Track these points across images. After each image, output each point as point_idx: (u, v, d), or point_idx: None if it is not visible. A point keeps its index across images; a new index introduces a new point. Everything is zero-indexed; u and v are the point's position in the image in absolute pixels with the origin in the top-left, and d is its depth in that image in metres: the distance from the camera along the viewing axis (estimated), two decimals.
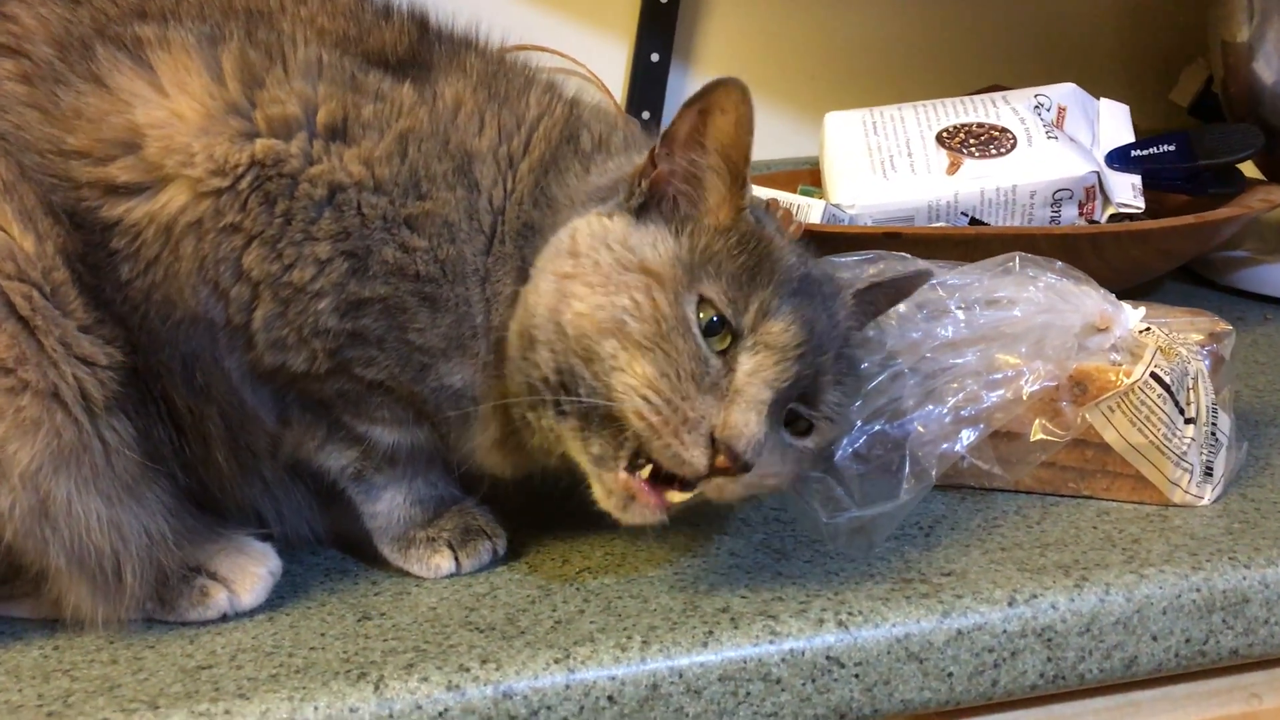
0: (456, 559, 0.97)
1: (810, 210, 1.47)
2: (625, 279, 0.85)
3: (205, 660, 0.86)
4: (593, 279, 0.86)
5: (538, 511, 1.08)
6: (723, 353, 0.85)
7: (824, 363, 0.88)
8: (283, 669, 0.84)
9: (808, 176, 1.68)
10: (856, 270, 1.08)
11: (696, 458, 0.83)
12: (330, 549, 1.02)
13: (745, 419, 0.83)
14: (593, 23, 1.81)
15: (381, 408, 0.92)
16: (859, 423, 0.99)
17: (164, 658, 0.87)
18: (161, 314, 0.86)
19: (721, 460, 0.83)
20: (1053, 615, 0.91)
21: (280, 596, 0.95)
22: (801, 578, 0.94)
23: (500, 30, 1.77)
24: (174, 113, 0.86)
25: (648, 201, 0.89)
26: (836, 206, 1.49)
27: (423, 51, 0.95)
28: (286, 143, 0.86)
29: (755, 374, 0.84)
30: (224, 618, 0.92)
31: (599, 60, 1.80)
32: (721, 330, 0.85)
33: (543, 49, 1.74)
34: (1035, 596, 0.91)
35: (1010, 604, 0.90)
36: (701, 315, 0.85)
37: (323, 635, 0.89)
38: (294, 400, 0.92)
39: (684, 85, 1.85)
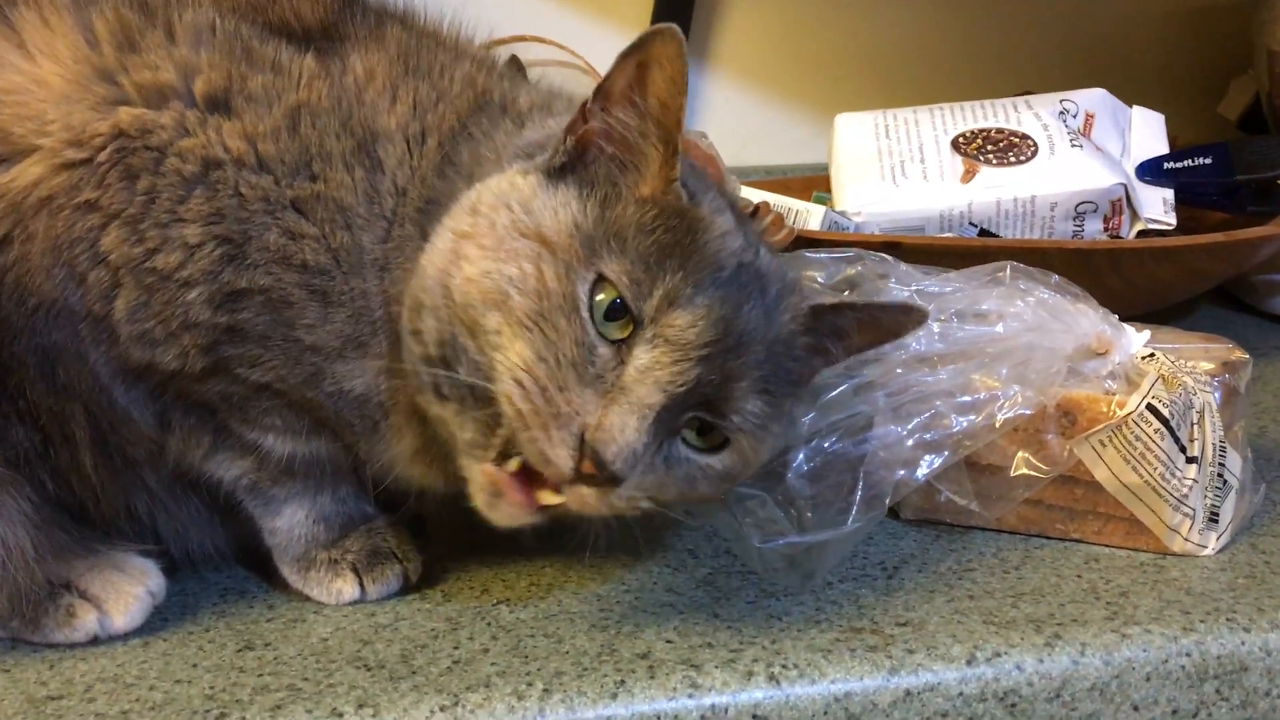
0: (362, 584, 0.88)
1: (809, 216, 1.37)
2: (517, 245, 0.76)
3: (59, 689, 0.78)
4: (486, 241, 0.76)
5: (468, 531, 0.98)
6: (620, 342, 0.75)
7: (739, 367, 0.76)
8: (137, 705, 0.76)
9: (823, 183, 1.58)
10: (831, 269, 0.98)
11: (561, 458, 0.73)
12: (235, 566, 0.93)
13: (623, 423, 0.72)
14: (604, 18, 1.73)
15: (271, 414, 0.83)
16: (814, 439, 0.88)
17: (15, 684, 0.79)
18: (15, 299, 0.78)
19: (587, 466, 0.73)
20: (1018, 677, 0.79)
21: (163, 619, 0.86)
22: (738, 622, 0.84)
23: (508, 24, 1.70)
24: (35, 78, 0.77)
25: (571, 162, 0.79)
26: (841, 213, 1.39)
27: (340, 23, 0.86)
28: (157, 112, 0.77)
29: (647, 371, 0.74)
30: (95, 641, 0.83)
31: (610, 58, 1.71)
32: (623, 316, 0.75)
33: (543, 40, 1.68)
34: (999, 655, 0.80)
35: (969, 662, 0.79)
36: (600, 297, 0.75)
37: (194, 666, 0.80)
38: (173, 402, 0.83)
39: (699, 86, 1.76)
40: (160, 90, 0.78)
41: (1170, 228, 1.35)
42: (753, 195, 1.39)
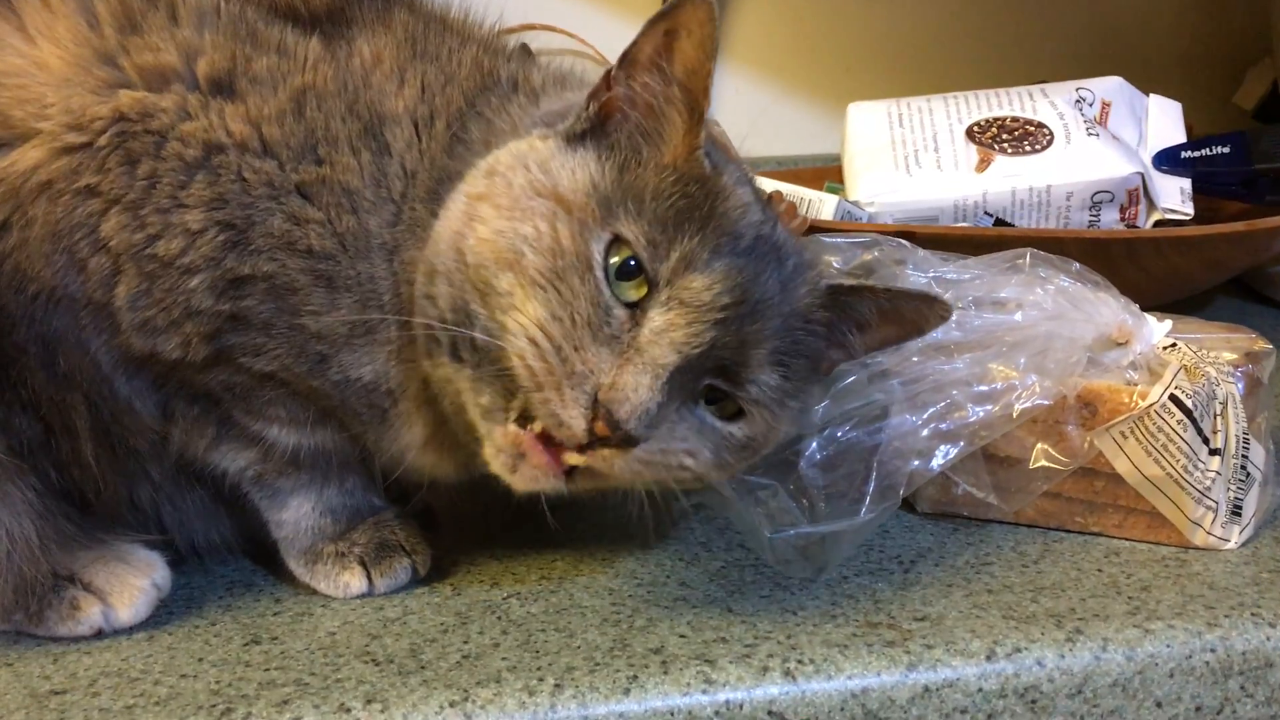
0: (369, 577, 0.86)
1: (822, 206, 1.35)
2: (533, 204, 0.74)
3: (62, 684, 0.76)
4: (501, 201, 0.75)
5: (478, 523, 0.97)
6: (635, 305, 0.74)
7: (755, 333, 0.75)
8: (142, 699, 0.74)
9: (836, 174, 1.57)
10: (848, 254, 0.96)
11: (574, 418, 0.71)
12: (243, 558, 0.92)
13: (636, 382, 0.71)
14: (614, 6, 1.71)
15: (276, 404, 0.82)
16: (827, 428, 0.87)
17: (19, 678, 0.77)
18: (14, 287, 0.76)
19: (601, 427, 0.71)
20: (1038, 673, 0.78)
21: (169, 612, 0.85)
22: (753, 616, 0.82)
23: (517, 11, 1.69)
24: (36, 61, 0.76)
25: (593, 128, 0.77)
26: (854, 203, 1.37)
27: (347, 6, 0.84)
28: (158, 95, 0.76)
29: (663, 333, 0.72)
30: (100, 634, 0.82)
31: (621, 47, 1.70)
32: (638, 276, 0.74)
33: (552, 28, 1.66)
34: (1019, 650, 0.78)
35: (989, 657, 0.78)
36: (614, 258, 0.74)
37: (200, 661, 0.79)
38: (176, 392, 0.81)
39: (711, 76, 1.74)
40: (162, 72, 0.76)
41: (1188, 217, 1.34)
42: (765, 185, 1.37)
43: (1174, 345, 0.92)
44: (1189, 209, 1.34)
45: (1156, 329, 0.93)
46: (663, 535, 0.93)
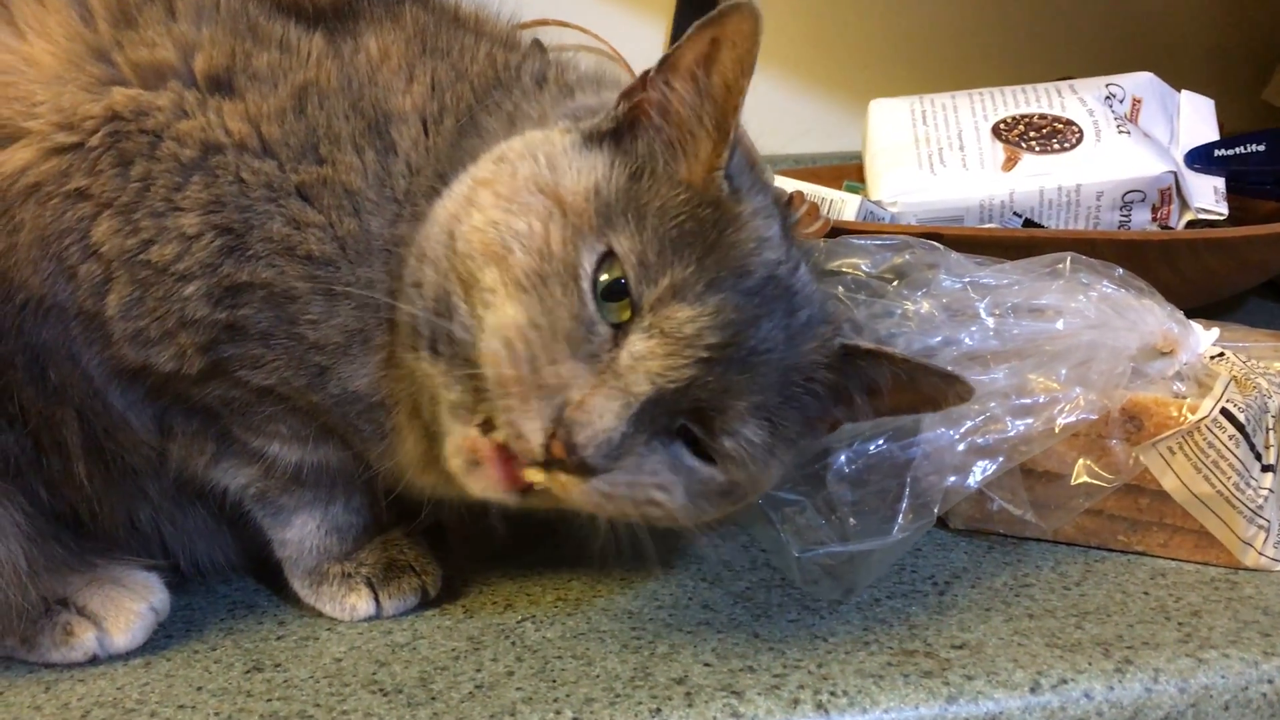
0: (377, 599, 0.83)
1: (844, 206, 1.31)
2: (531, 200, 0.70)
3: (54, 714, 0.73)
4: (503, 189, 0.71)
5: (489, 541, 0.93)
6: (618, 326, 0.69)
7: (742, 384, 0.70)
8: None
9: (854, 172, 1.53)
10: (877, 256, 0.92)
11: (532, 432, 0.67)
12: (245, 577, 0.88)
13: (604, 407, 0.66)
14: (629, 2, 1.67)
15: (276, 420, 0.78)
16: (855, 442, 0.83)
17: (8, 709, 0.74)
18: (1, 295, 0.72)
19: (558, 447, 0.67)
20: (1086, 706, 0.73)
21: (168, 636, 0.81)
22: (781, 642, 0.78)
23: (532, 8, 1.65)
24: (25, 57, 0.72)
25: (618, 130, 0.73)
26: (877, 203, 1.33)
27: (354, 1, 0.80)
28: (153, 93, 0.72)
29: (640, 360, 0.68)
30: (94, 660, 0.79)
31: (633, 42, 1.67)
32: (624, 298, 0.69)
33: (567, 25, 1.62)
34: (1065, 681, 0.74)
35: (1033, 689, 0.73)
36: (605, 275, 0.69)
37: (199, 690, 0.75)
38: (173, 407, 0.77)
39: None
40: (157, 69, 0.72)
41: (1221, 218, 1.30)
42: (786, 185, 1.33)
43: (1221, 355, 0.87)
44: (1223, 209, 1.30)
45: (1203, 337, 0.88)
46: (683, 555, 0.89)
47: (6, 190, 0.71)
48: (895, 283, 0.91)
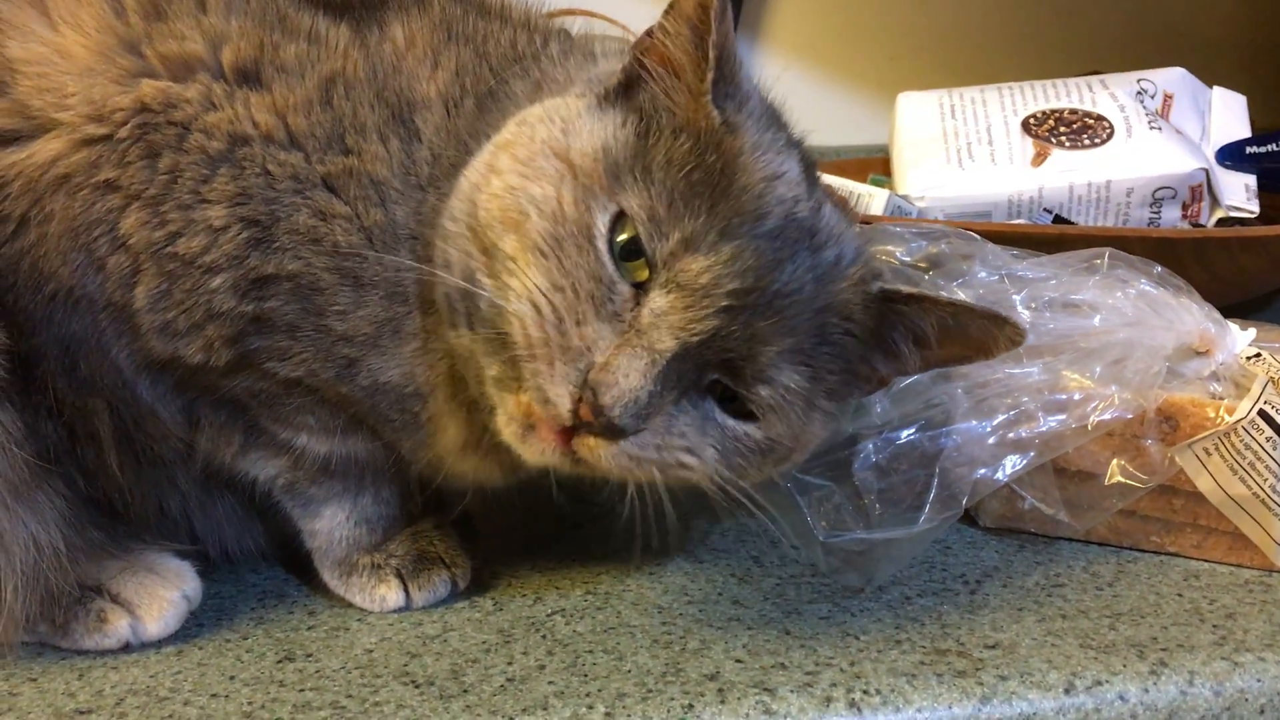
0: (406, 591, 0.83)
1: (872, 201, 1.30)
2: (545, 165, 0.69)
3: (87, 702, 0.73)
4: (520, 152, 0.70)
5: (518, 532, 0.93)
6: (639, 285, 0.68)
7: (769, 329, 0.68)
8: None
9: (880, 165, 1.52)
10: (913, 244, 0.92)
11: (559, 396, 0.66)
12: (275, 566, 0.88)
13: (629, 366, 0.66)
14: None
15: (304, 412, 0.78)
16: (884, 430, 0.82)
17: (43, 695, 0.74)
18: (32, 286, 0.73)
19: (585, 410, 0.66)
20: (1121, 708, 0.73)
21: (199, 624, 0.81)
22: (813, 639, 0.78)
23: None
24: (58, 49, 0.72)
25: (628, 85, 0.72)
26: (904, 198, 1.32)
27: None
28: (182, 85, 0.72)
29: (662, 316, 0.67)
30: (127, 647, 0.79)
31: None
32: (641, 257, 0.68)
33: (592, 14, 1.61)
34: (1100, 683, 0.73)
35: (1068, 690, 0.73)
36: (621, 235, 0.68)
37: (232, 679, 0.75)
38: (201, 398, 0.77)
39: (751, 65, 1.69)
40: (186, 61, 0.72)
41: (1253, 215, 1.28)
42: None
43: (1259, 356, 0.87)
44: (1254, 206, 1.29)
45: (1239, 338, 0.88)
46: (712, 549, 0.89)
47: (37, 181, 0.71)
48: (930, 272, 0.90)
